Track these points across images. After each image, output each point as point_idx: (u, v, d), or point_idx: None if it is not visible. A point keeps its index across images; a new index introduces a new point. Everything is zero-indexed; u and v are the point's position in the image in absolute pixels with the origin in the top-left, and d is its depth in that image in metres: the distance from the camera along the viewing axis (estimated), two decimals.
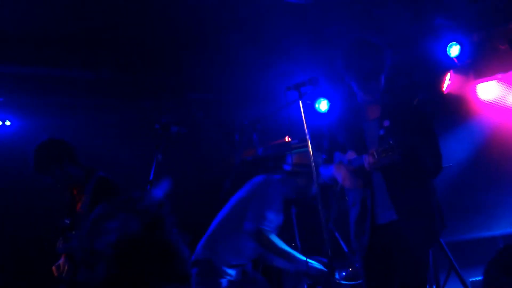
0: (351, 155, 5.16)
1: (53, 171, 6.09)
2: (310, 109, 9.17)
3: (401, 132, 4.99)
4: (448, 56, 9.19)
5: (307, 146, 5.39)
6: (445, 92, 9.70)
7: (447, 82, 9.68)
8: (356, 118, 5.31)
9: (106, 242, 2.43)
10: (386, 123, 5.05)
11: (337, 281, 6.85)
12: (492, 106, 9.89)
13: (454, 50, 9.14)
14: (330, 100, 9.35)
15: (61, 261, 6.19)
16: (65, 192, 6.34)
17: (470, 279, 8.23)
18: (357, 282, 6.85)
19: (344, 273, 6.95)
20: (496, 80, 9.78)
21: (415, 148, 4.95)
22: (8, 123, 8.66)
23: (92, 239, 2.46)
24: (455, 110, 10.03)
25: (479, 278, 8.27)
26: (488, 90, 9.90)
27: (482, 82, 9.87)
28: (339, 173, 5.26)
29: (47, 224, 8.19)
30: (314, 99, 9.27)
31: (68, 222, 5.98)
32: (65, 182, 6.19)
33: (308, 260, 6.18)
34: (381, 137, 4.99)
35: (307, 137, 5.27)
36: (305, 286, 6.79)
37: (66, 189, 6.28)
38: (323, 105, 9.46)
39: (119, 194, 5.57)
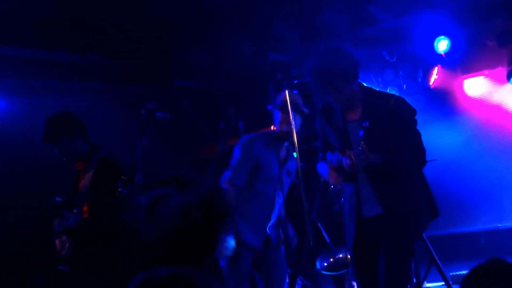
0: (338, 154, 5.23)
1: (62, 143, 6.08)
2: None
3: (380, 132, 5.07)
4: (436, 51, 9.22)
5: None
6: (431, 87, 9.73)
7: (434, 76, 9.71)
8: (340, 119, 5.36)
9: (172, 208, 2.50)
10: (365, 124, 5.09)
11: (318, 271, 6.88)
12: (478, 102, 9.94)
13: (442, 44, 9.17)
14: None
15: (64, 237, 6.19)
16: (70, 166, 6.34)
17: (451, 273, 8.27)
18: (338, 272, 6.88)
19: (325, 263, 6.98)
20: (483, 76, 9.83)
21: (394, 147, 5.03)
22: None
23: (156, 202, 2.52)
24: (441, 105, 10.07)
25: (460, 272, 8.33)
26: (475, 86, 9.96)
27: (469, 78, 9.91)
28: (325, 171, 5.41)
29: (35, 202, 8.22)
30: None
31: (60, 200, 5.96)
32: (72, 156, 6.18)
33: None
34: (360, 139, 5.01)
35: (292, 126, 5.29)
36: (287, 275, 6.81)
37: (71, 163, 6.29)
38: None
39: (121, 174, 5.57)
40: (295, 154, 6.05)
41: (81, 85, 9.24)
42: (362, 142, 4.86)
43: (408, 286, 5.44)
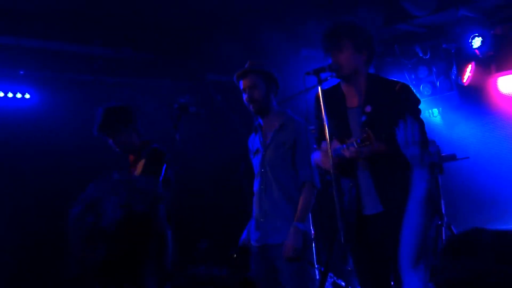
0: (335, 143, 5.06)
1: (116, 134, 6.17)
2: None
3: (383, 118, 4.90)
4: (471, 48, 9.17)
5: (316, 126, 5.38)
6: (465, 84, 9.67)
7: (468, 74, 9.65)
8: (341, 106, 5.23)
9: (112, 219, 2.36)
10: (368, 109, 4.97)
11: (350, 268, 6.85)
12: None
13: (476, 42, 9.11)
14: None
15: None
16: (123, 156, 6.41)
17: None
18: None
19: None
20: None
21: (394, 133, 4.83)
22: (27, 96, 8.70)
23: (97, 216, 2.39)
24: (475, 103, 10.01)
25: None
26: (509, 84, 9.87)
27: (503, 75, 9.84)
28: (322, 161, 5.18)
29: (71, 194, 8.23)
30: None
31: None
32: (125, 147, 6.27)
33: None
34: (363, 124, 4.91)
35: (325, 123, 5.21)
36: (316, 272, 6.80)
37: (123, 154, 6.36)
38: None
39: (170, 167, 5.63)
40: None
41: (114, 79, 9.29)
42: (366, 126, 4.76)
43: None
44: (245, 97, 6.04)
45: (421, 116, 5.08)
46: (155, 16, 8.04)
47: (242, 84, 6.05)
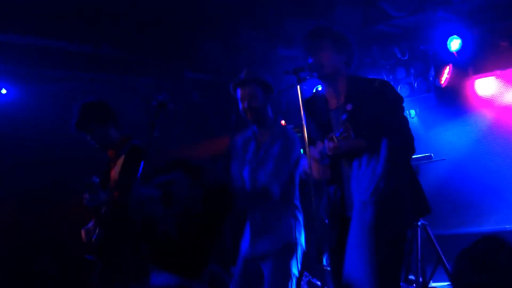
0: (319, 146, 5.04)
1: (94, 130, 6.17)
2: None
3: (364, 115, 4.91)
4: (448, 50, 9.21)
5: (302, 131, 5.34)
6: (443, 86, 9.71)
7: (446, 75, 9.69)
8: (323, 109, 5.24)
9: (191, 197, 2.40)
10: (349, 107, 4.96)
11: (325, 267, 6.86)
12: (489, 102, 9.92)
13: (454, 43, 9.16)
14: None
15: (90, 225, 6.26)
16: (102, 152, 6.41)
17: None
18: None
19: None
20: (494, 77, 9.80)
21: (378, 132, 4.77)
22: (4, 91, 8.65)
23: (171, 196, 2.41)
24: (452, 104, 10.05)
25: None
26: (486, 86, 9.93)
27: (480, 78, 9.89)
28: (308, 165, 5.09)
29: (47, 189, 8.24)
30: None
31: (97, 180, 6.00)
32: (104, 143, 6.27)
33: None
34: (343, 121, 4.85)
35: (303, 122, 5.20)
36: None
37: (102, 150, 6.35)
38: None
39: (150, 164, 5.62)
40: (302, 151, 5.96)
41: (92, 75, 9.26)
42: (345, 121, 4.71)
43: None
44: (242, 106, 6.02)
45: (404, 113, 5.12)
46: (134, 13, 8.01)
47: (240, 93, 6.03)
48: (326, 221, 6.04)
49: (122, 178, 6.05)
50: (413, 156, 5.23)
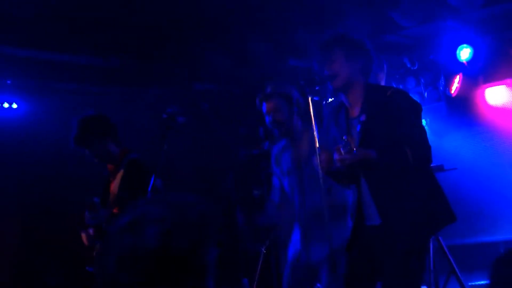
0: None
1: (93, 145, 6.17)
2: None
3: (376, 125, 4.86)
4: (458, 59, 9.19)
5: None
6: (453, 95, 9.69)
7: (456, 85, 9.67)
8: (344, 118, 5.18)
9: (149, 245, 2.20)
10: (362, 118, 4.94)
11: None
12: (500, 110, 9.88)
13: (464, 53, 9.14)
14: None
15: (91, 230, 6.27)
16: (101, 166, 6.43)
17: (470, 283, 8.22)
18: None
19: None
20: (505, 85, 9.77)
21: (391, 141, 4.76)
22: (15, 105, 8.68)
23: (136, 236, 2.29)
24: (462, 114, 10.02)
25: (479, 282, 8.28)
26: (497, 95, 9.89)
27: (491, 87, 9.86)
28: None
29: (56, 202, 8.23)
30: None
31: (98, 200, 6.01)
32: (103, 158, 6.27)
33: None
34: (358, 133, 4.89)
35: (315, 133, 5.19)
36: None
37: (102, 164, 6.37)
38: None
39: (149, 178, 5.59)
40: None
41: (102, 88, 9.28)
42: (345, 136, 4.70)
43: None
44: (268, 120, 6.03)
45: (419, 122, 5.05)
46: (143, 25, 8.02)
47: (265, 107, 6.03)
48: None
49: (121, 193, 6.05)
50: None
